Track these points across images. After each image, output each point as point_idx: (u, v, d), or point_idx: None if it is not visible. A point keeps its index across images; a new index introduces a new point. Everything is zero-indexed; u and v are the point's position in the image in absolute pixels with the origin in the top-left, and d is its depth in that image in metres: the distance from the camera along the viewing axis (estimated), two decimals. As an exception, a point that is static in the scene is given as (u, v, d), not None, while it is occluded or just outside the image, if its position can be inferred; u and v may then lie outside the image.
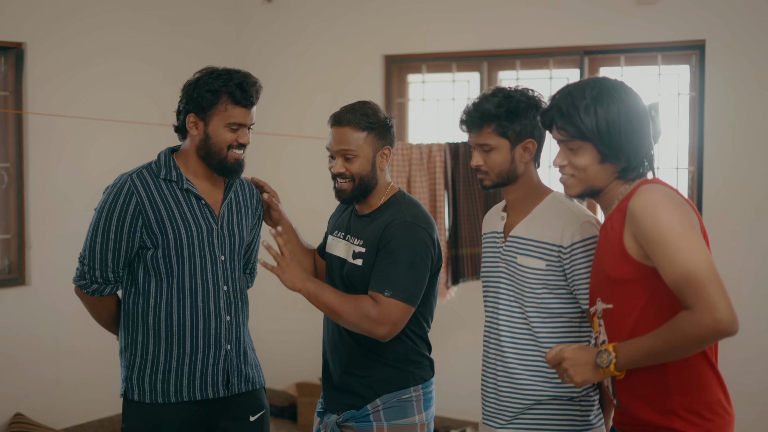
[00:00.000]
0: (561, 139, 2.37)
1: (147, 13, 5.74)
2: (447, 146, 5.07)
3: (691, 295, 2.13)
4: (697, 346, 2.16)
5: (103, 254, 2.88)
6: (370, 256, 2.87)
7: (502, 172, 2.68)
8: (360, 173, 2.88)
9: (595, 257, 2.42)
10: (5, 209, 5.22)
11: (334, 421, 2.96)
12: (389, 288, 2.79)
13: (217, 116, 2.85)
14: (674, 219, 2.18)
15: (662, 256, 2.17)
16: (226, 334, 2.93)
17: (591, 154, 2.33)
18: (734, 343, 4.62)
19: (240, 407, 3.00)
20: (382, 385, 2.91)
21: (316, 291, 2.77)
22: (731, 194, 4.82)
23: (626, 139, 2.30)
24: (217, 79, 2.84)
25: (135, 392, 2.90)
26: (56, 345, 5.32)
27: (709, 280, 2.12)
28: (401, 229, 2.84)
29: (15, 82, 5.15)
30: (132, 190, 2.85)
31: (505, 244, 2.70)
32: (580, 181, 2.37)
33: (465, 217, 5.08)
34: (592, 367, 2.26)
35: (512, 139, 2.66)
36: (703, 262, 2.14)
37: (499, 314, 2.71)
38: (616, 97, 2.31)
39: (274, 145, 6.06)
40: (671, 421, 2.27)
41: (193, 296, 2.88)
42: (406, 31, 5.73)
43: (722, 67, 4.80)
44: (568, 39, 5.21)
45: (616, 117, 2.29)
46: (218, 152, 2.86)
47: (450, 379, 5.30)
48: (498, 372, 2.72)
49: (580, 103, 2.31)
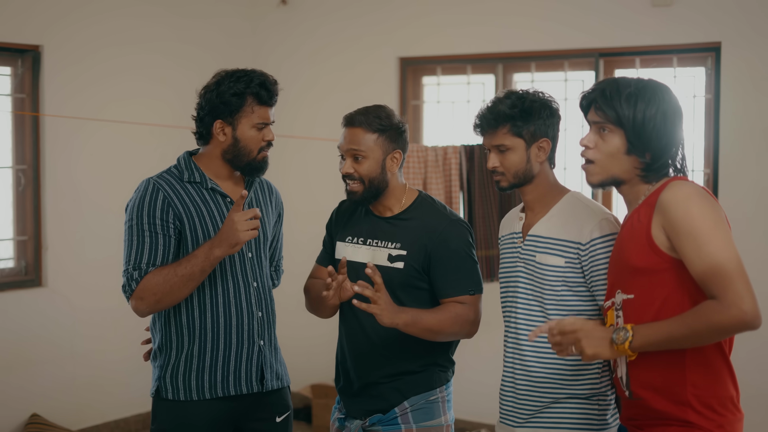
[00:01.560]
0: (596, 120, 2.41)
1: (163, 17, 5.77)
2: (462, 148, 5.07)
3: (718, 287, 2.18)
4: (719, 335, 2.21)
5: (149, 254, 2.83)
6: (413, 259, 2.87)
7: (518, 172, 2.71)
8: (368, 175, 2.89)
9: (616, 250, 2.45)
10: (22, 211, 5.25)
11: (359, 426, 2.94)
12: (470, 287, 2.87)
13: (244, 119, 2.89)
14: (706, 212, 2.23)
15: (692, 247, 2.21)
16: (259, 329, 2.97)
17: (620, 142, 2.38)
18: (747, 341, 4.62)
19: (268, 407, 3.02)
20: (410, 387, 2.91)
21: (414, 320, 2.76)
22: (747, 196, 4.80)
23: (656, 138, 2.36)
24: (239, 81, 2.87)
25: (169, 390, 2.91)
26: (72, 346, 5.35)
27: (737, 273, 2.18)
28: (453, 229, 2.89)
29: (32, 84, 5.18)
30: (157, 187, 2.89)
31: (524, 244, 2.73)
32: (602, 168, 2.42)
33: (480, 219, 5.08)
34: (607, 342, 2.29)
35: (527, 139, 2.70)
36: (732, 256, 2.20)
37: (518, 314, 2.73)
38: (658, 96, 2.37)
39: (288, 147, 6.08)
40: (685, 413, 2.29)
41: (226, 293, 2.91)
42: (421, 33, 5.74)
43: (738, 70, 4.79)
44: (583, 41, 5.21)
45: (654, 114, 2.35)
46: (248, 154, 2.91)
47: (464, 381, 5.29)
48: (516, 371, 2.74)
49: (624, 90, 2.38)
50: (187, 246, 2.88)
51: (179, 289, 2.79)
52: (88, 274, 5.40)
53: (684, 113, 2.45)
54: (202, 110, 2.92)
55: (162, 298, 2.80)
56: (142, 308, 2.83)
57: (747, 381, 4.72)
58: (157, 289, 2.79)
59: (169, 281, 2.78)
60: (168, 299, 2.81)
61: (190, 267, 2.77)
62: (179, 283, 2.78)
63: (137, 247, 2.83)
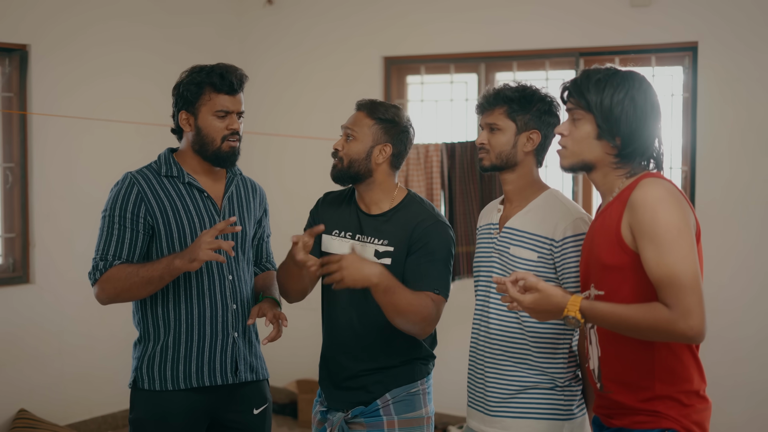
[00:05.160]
0: (569, 107, 2.48)
1: (150, 16, 5.81)
2: (444, 146, 5.13)
3: (671, 297, 2.22)
4: (661, 339, 2.28)
5: (116, 247, 2.93)
6: (400, 254, 2.90)
7: (501, 154, 2.77)
8: (351, 156, 2.94)
9: (588, 244, 2.50)
10: (9, 209, 5.29)
11: (341, 419, 2.97)
12: (437, 286, 2.85)
13: (204, 107, 2.97)
14: (672, 219, 2.26)
15: (652, 253, 2.26)
16: (233, 322, 3.02)
17: (590, 127, 2.42)
18: (723, 335, 4.70)
19: (244, 400, 3.08)
20: (391, 380, 2.95)
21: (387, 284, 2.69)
22: (724, 193, 4.88)
23: (625, 122, 2.39)
24: (200, 72, 2.98)
25: (145, 381, 2.98)
26: (60, 342, 5.39)
27: (691, 288, 2.22)
28: (436, 229, 2.91)
29: (19, 83, 5.22)
30: (133, 181, 2.97)
31: (500, 235, 2.79)
32: (572, 153, 2.46)
33: (461, 216, 5.14)
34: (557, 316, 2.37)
35: (519, 125, 2.76)
36: (689, 269, 2.23)
37: (490, 304, 2.79)
38: (628, 83, 2.41)
39: (273, 146, 6.15)
40: (652, 405, 2.35)
41: (200, 285, 2.97)
42: (406, 33, 5.80)
43: (714, 69, 4.87)
44: (564, 41, 5.28)
45: (621, 99, 2.39)
46: (211, 143, 2.98)
47: (447, 375, 5.35)
48: (486, 360, 2.80)
49: (593, 77, 2.43)
50: (161, 240, 2.95)
51: (137, 288, 2.88)
52: (76, 271, 5.42)
53: (660, 104, 2.47)
54: (173, 105, 3.04)
55: (120, 293, 2.90)
56: (102, 297, 2.92)
57: (724, 373, 4.83)
58: (117, 283, 2.88)
59: (129, 279, 2.87)
60: (126, 295, 2.90)
61: (151, 271, 2.86)
62: (138, 283, 2.86)
63: (106, 238, 2.94)
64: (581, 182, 5.32)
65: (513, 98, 2.76)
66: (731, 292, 4.83)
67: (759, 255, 4.83)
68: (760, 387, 4.83)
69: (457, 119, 5.77)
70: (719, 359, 4.75)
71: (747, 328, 4.84)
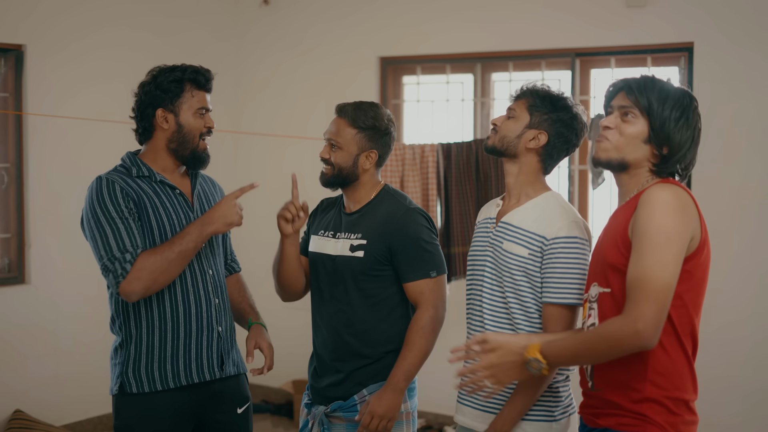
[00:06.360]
0: (622, 104, 2.46)
1: (145, 17, 5.81)
2: (440, 147, 5.13)
3: (633, 298, 2.25)
4: (615, 351, 2.29)
5: (129, 238, 2.83)
6: (372, 247, 3.00)
7: (504, 139, 2.78)
8: (340, 164, 3.04)
9: (598, 245, 2.51)
10: (5, 209, 5.29)
11: (321, 412, 3.06)
12: (430, 269, 2.98)
13: (185, 104, 2.97)
14: (665, 224, 2.26)
15: (636, 252, 2.28)
16: (217, 316, 3.03)
17: (642, 129, 2.42)
18: (717, 337, 4.70)
19: (228, 399, 3.08)
20: (369, 376, 3.03)
21: None
22: (718, 194, 4.89)
23: (676, 137, 2.41)
24: (175, 70, 2.97)
25: (133, 384, 2.92)
26: (55, 342, 5.39)
27: (654, 296, 2.23)
28: (410, 216, 3.01)
29: (15, 83, 5.22)
30: (111, 180, 2.92)
31: (495, 229, 2.80)
32: (615, 147, 2.45)
33: (457, 216, 5.15)
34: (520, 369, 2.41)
35: (533, 120, 2.77)
36: (661, 279, 2.24)
37: (483, 299, 2.80)
38: (688, 105, 2.42)
39: (271, 147, 6.15)
40: (641, 408, 2.36)
41: (183, 282, 2.96)
42: (402, 33, 5.80)
43: (710, 69, 4.88)
44: (559, 41, 5.28)
45: (680, 115, 2.40)
46: (192, 140, 2.97)
47: (443, 375, 5.34)
48: None
49: (658, 84, 2.44)
50: (142, 235, 2.88)
51: (176, 266, 2.83)
52: (71, 272, 5.43)
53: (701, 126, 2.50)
54: (142, 104, 2.98)
55: (158, 277, 2.81)
56: (137, 289, 2.79)
57: (719, 375, 4.83)
58: (154, 267, 2.80)
59: (166, 258, 2.82)
60: (163, 278, 2.82)
61: (185, 243, 2.84)
62: (175, 260, 2.83)
63: (114, 234, 2.82)
64: (577, 183, 5.33)
65: (541, 96, 2.78)
66: (726, 293, 4.83)
67: (753, 256, 4.83)
68: (755, 388, 4.83)
69: (453, 120, 5.77)
70: (714, 361, 4.75)
71: (742, 329, 4.84)
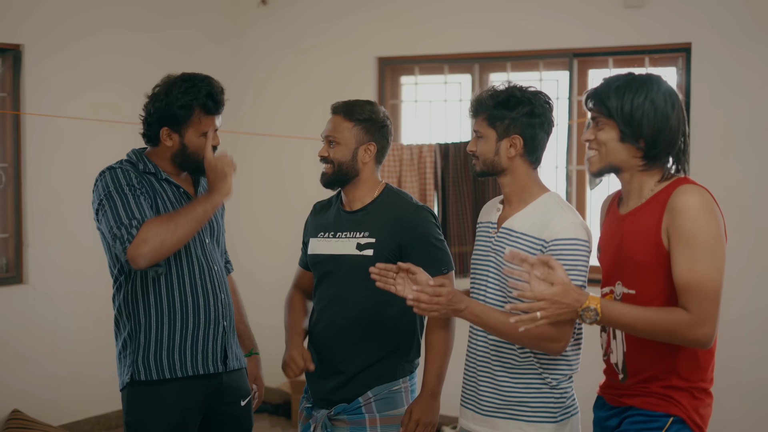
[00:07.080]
0: (593, 114, 2.56)
1: (142, 17, 5.81)
2: (437, 147, 5.14)
3: (693, 303, 2.35)
4: (673, 341, 2.40)
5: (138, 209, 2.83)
6: (382, 245, 2.99)
7: (487, 161, 2.78)
8: (339, 160, 3.04)
9: (616, 244, 2.56)
10: (3, 209, 5.29)
11: (324, 415, 3.03)
12: (442, 266, 3.00)
13: (191, 128, 2.99)
14: (712, 230, 2.38)
15: (686, 258, 2.37)
16: (222, 311, 3.06)
17: (613, 132, 2.51)
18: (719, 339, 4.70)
19: (233, 391, 3.12)
20: (373, 377, 3.01)
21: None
22: (716, 193, 4.86)
23: (648, 125, 2.47)
24: (187, 93, 2.96)
25: (142, 372, 2.95)
26: (53, 342, 5.39)
27: (715, 299, 2.36)
28: (419, 214, 3.03)
29: (13, 83, 5.22)
30: (122, 168, 2.97)
31: (497, 235, 2.80)
32: (600, 157, 2.55)
33: (454, 216, 5.15)
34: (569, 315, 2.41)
35: (499, 132, 2.74)
36: (717, 280, 2.37)
37: (487, 303, 2.78)
38: (647, 87, 2.49)
39: (270, 147, 6.15)
40: (668, 392, 2.48)
41: (192, 274, 3.00)
42: (400, 33, 5.81)
43: (708, 70, 4.89)
44: (557, 41, 5.29)
45: (641, 102, 2.47)
46: (196, 158, 3.01)
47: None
48: (478, 359, 2.82)
49: (613, 85, 2.51)
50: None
51: (183, 228, 2.81)
52: (69, 272, 5.43)
53: (680, 102, 2.52)
54: (150, 116, 3.01)
55: (166, 238, 2.78)
56: (144, 252, 2.76)
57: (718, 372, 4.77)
58: (160, 228, 2.78)
59: (173, 219, 2.81)
60: (171, 240, 2.79)
61: (193, 211, 2.86)
62: (184, 222, 2.82)
63: (124, 205, 2.83)
64: (575, 183, 5.34)
65: (490, 106, 2.75)
66: (725, 291, 4.73)
67: (752, 254, 4.85)
68: (754, 386, 4.84)
69: (450, 120, 5.77)
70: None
71: (740, 327, 4.85)
